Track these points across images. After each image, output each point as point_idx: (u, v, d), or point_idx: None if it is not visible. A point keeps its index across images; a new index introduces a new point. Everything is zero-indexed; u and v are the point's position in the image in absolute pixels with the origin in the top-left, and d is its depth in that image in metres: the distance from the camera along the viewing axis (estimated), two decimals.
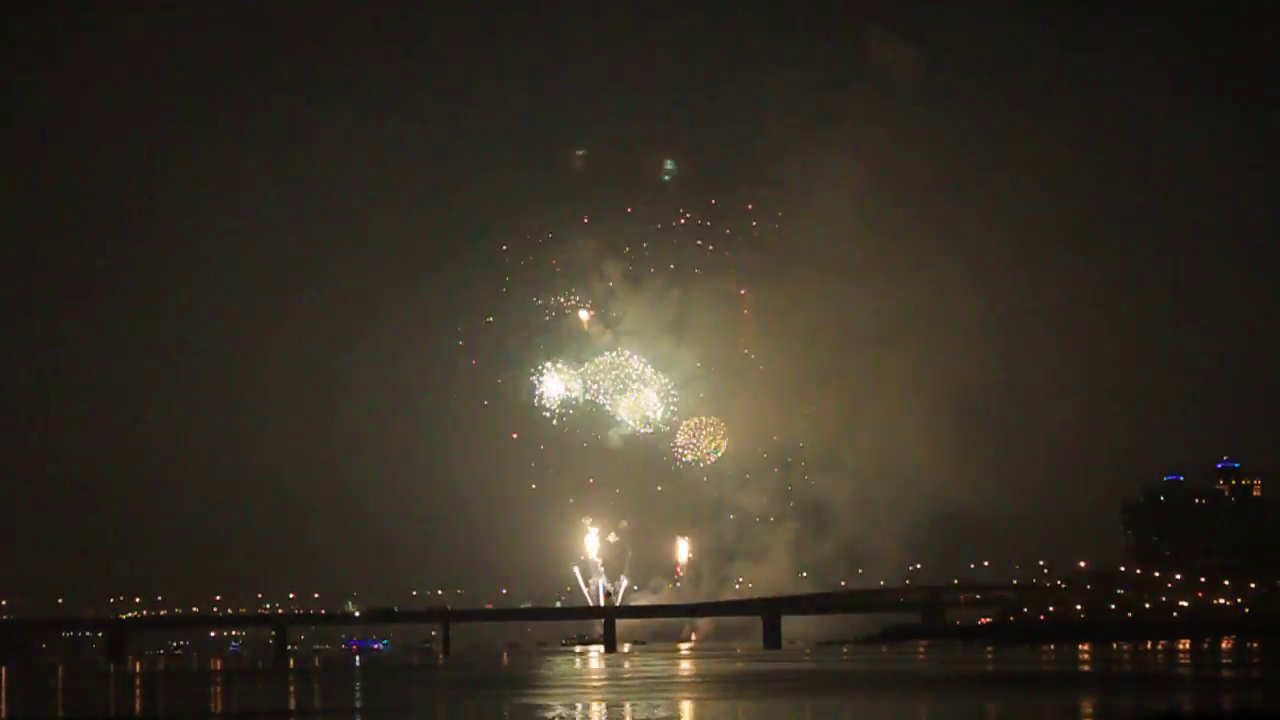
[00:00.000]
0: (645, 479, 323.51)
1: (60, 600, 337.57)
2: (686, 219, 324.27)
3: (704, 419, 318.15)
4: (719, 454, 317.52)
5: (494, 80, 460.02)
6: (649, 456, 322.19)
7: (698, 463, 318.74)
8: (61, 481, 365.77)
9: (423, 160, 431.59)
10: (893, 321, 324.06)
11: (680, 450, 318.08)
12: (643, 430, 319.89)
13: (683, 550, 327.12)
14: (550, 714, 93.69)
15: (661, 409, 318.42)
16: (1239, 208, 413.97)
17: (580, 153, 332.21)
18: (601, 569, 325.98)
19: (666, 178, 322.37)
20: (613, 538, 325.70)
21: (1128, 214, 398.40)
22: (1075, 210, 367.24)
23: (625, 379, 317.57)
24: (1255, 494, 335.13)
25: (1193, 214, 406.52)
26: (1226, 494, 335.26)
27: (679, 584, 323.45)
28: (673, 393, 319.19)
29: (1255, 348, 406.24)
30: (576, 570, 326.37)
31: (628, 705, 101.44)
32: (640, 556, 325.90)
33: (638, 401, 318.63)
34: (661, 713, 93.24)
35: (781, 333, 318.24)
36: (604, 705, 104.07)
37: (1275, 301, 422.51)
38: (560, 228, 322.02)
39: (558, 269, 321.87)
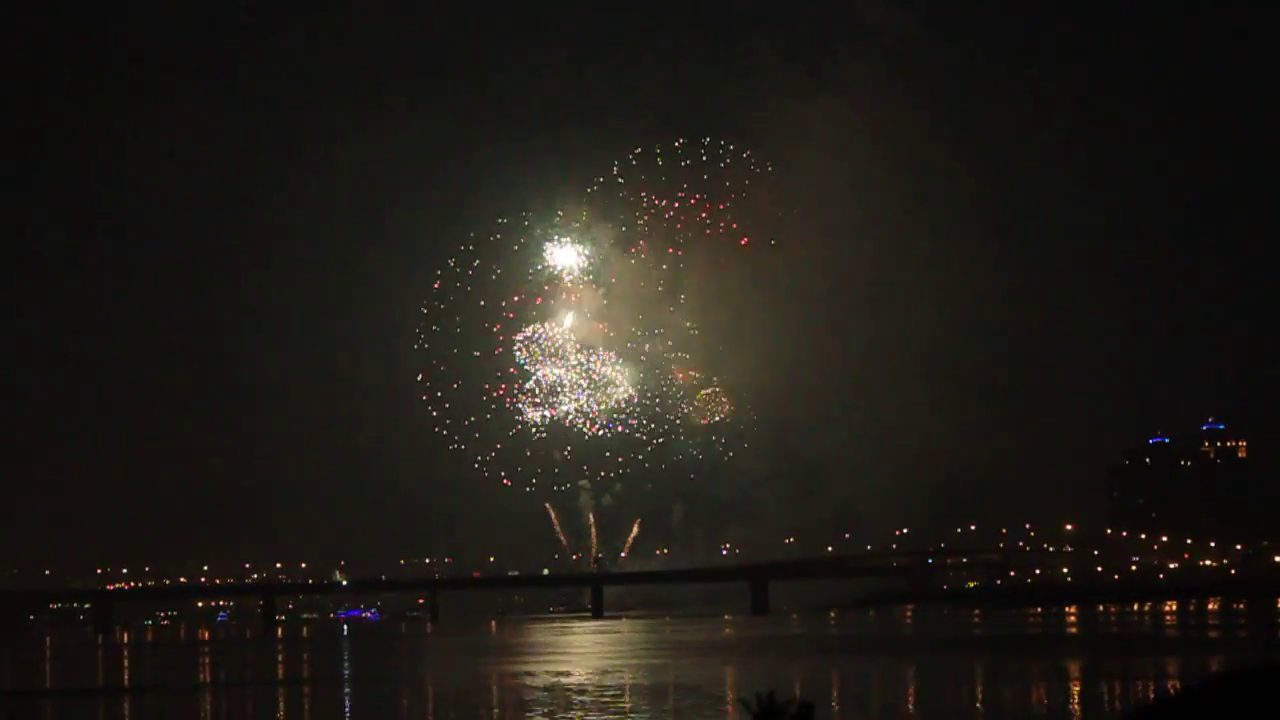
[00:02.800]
0: (637, 444, 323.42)
1: (47, 572, 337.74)
2: (678, 183, 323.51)
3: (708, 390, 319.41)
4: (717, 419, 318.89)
5: (484, 46, 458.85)
6: (640, 425, 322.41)
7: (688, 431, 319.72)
8: (47, 453, 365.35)
9: (414, 131, 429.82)
10: (883, 285, 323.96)
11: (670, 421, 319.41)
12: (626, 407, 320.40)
13: (674, 515, 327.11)
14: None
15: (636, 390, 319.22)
16: (1230, 167, 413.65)
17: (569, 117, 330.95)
18: (593, 533, 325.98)
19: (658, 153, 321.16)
20: (607, 500, 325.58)
21: (1119, 175, 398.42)
22: (1067, 171, 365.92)
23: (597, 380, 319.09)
24: (1241, 456, 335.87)
25: (1181, 174, 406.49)
26: (1212, 456, 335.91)
27: (665, 551, 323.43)
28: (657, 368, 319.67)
29: (1242, 310, 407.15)
30: (559, 532, 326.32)
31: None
32: (632, 520, 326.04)
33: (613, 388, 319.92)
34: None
35: (774, 296, 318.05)
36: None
37: (1261, 264, 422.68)
38: (550, 193, 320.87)
39: (551, 233, 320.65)
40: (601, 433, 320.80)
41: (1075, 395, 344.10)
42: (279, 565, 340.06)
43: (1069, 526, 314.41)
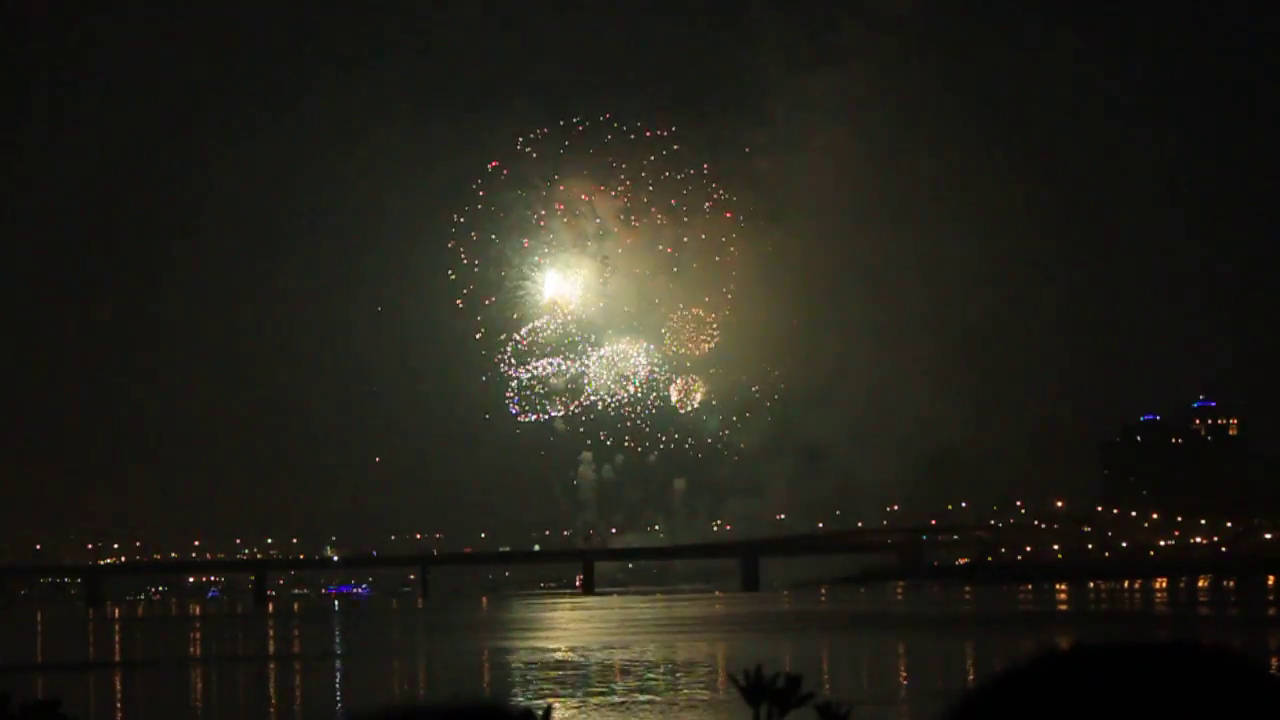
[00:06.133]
0: (637, 419, 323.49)
1: (38, 546, 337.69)
2: (681, 159, 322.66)
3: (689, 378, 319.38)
4: (696, 405, 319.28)
5: (488, 17, 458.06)
6: (641, 400, 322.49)
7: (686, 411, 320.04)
8: (39, 427, 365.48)
9: (412, 105, 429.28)
10: (882, 261, 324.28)
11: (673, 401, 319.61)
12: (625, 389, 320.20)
13: (671, 489, 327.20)
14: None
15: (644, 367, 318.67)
16: (1223, 146, 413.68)
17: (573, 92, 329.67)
18: (586, 507, 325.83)
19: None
20: (607, 472, 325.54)
21: (1117, 153, 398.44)
22: (1065, 149, 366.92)
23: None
24: (1232, 434, 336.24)
25: (1174, 152, 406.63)
26: (1203, 434, 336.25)
27: (657, 527, 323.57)
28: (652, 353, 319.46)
29: (1233, 288, 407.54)
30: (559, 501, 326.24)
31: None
32: (630, 495, 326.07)
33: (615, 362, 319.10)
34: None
35: (777, 272, 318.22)
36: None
37: (1253, 246, 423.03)
38: (553, 168, 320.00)
39: (557, 205, 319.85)
40: (603, 405, 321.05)
41: (1067, 373, 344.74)
42: (270, 541, 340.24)
43: (1060, 504, 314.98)
